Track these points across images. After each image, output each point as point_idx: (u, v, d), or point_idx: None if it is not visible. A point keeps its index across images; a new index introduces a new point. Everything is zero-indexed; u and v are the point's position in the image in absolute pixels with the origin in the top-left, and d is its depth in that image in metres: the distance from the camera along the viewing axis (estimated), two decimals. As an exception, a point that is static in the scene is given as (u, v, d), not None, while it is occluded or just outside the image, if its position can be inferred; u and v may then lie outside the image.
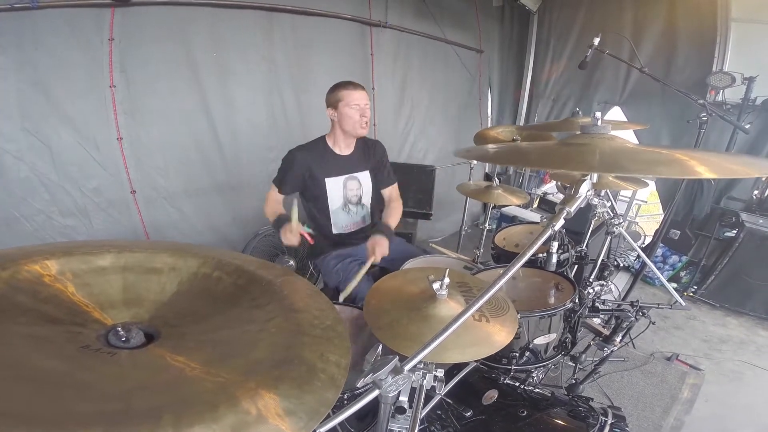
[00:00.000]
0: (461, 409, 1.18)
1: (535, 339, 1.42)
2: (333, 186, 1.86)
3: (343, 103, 1.75)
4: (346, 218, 1.95)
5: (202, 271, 0.84)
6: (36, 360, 0.56)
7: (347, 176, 1.89)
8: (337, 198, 1.88)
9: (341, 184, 1.88)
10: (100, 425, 0.44)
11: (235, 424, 0.48)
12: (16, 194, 1.97)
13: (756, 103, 3.06)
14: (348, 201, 1.92)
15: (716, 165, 0.72)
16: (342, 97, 1.75)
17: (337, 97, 1.76)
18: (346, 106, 1.74)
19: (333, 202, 1.88)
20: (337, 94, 1.76)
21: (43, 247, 0.78)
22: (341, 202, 1.90)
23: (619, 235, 1.73)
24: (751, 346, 2.61)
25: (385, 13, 3.29)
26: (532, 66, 4.59)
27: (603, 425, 1.12)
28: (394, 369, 0.65)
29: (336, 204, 1.89)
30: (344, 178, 1.89)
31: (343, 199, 1.90)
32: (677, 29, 3.44)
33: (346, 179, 1.89)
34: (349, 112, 1.75)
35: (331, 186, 1.86)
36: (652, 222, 4.40)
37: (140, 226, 2.39)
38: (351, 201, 1.93)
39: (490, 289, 0.65)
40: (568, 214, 0.71)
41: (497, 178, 2.22)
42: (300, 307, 0.75)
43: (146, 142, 2.34)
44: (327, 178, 1.84)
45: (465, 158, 1.06)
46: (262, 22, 2.67)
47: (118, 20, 2.12)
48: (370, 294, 1.14)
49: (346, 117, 1.76)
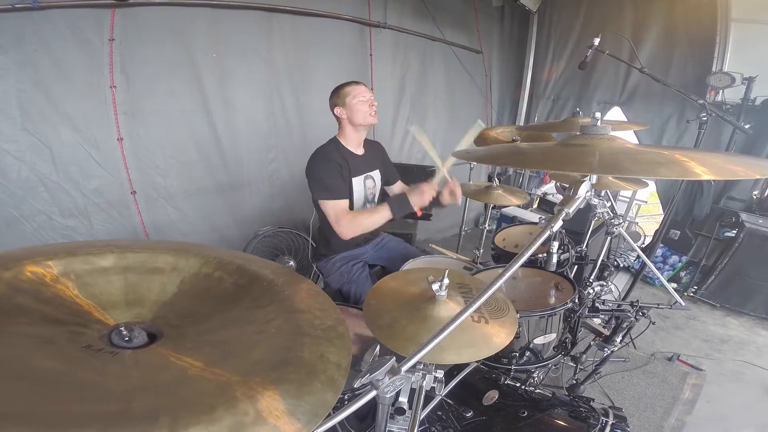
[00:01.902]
0: (462, 409, 1.18)
1: (535, 339, 1.42)
2: (357, 185, 1.88)
3: (351, 98, 1.78)
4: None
5: (203, 271, 0.85)
6: (37, 360, 0.56)
7: (365, 175, 1.92)
8: (359, 197, 1.91)
9: (362, 183, 1.91)
10: (97, 426, 0.44)
11: (233, 425, 0.48)
12: (17, 194, 1.98)
13: (756, 104, 3.06)
14: (367, 200, 1.95)
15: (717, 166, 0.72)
16: (349, 93, 1.79)
17: (344, 94, 1.79)
18: (355, 99, 1.78)
19: (357, 202, 1.90)
20: (343, 91, 1.80)
21: (45, 247, 0.79)
22: (362, 201, 1.93)
23: (619, 235, 1.73)
24: (752, 346, 2.61)
25: (384, 13, 3.30)
26: (532, 66, 4.58)
27: (604, 426, 1.12)
28: (391, 369, 0.65)
29: (359, 203, 1.91)
30: (363, 177, 1.91)
31: (364, 198, 1.93)
32: (677, 29, 3.44)
33: (365, 178, 1.92)
34: (358, 104, 1.79)
35: (356, 185, 1.88)
36: (652, 222, 4.39)
37: (140, 226, 2.39)
38: (368, 199, 1.96)
39: (488, 290, 0.65)
40: (566, 216, 0.71)
41: (497, 179, 2.23)
42: (301, 307, 0.75)
43: (146, 142, 2.35)
44: (354, 178, 1.86)
45: (464, 159, 1.06)
46: (261, 23, 2.67)
47: (119, 21, 2.13)
48: (370, 294, 1.14)
49: (356, 110, 1.79)
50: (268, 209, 2.92)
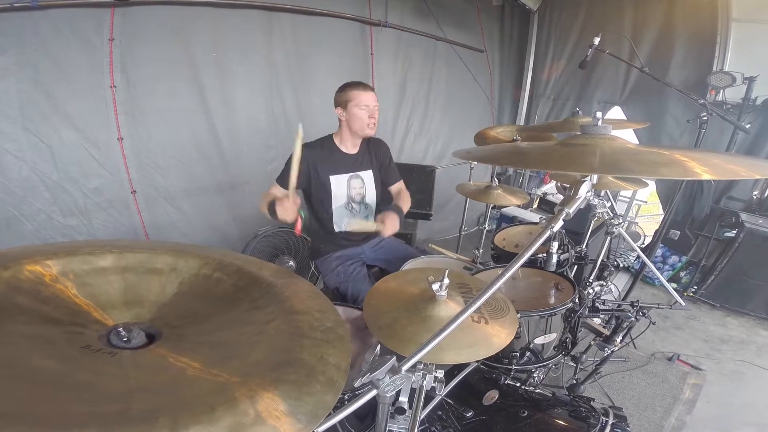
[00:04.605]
0: (462, 409, 1.18)
1: (535, 339, 1.42)
2: (337, 184, 1.87)
3: (352, 104, 1.76)
4: (348, 216, 1.96)
5: (202, 272, 0.85)
6: (36, 360, 0.56)
7: (351, 174, 1.91)
8: (340, 196, 1.89)
9: (345, 182, 1.89)
10: (96, 426, 0.44)
11: (233, 426, 0.48)
12: (17, 194, 1.98)
13: (756, 103, 3.06)
14: (351, 199, 1.93)
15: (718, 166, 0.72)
16: (352, 98, 1.76)
17: (346, 98, 1.77)
18: (356, 107, 1.76)
19: (336, 200, 1.89)
20: (346, 94, 1.77)
21: (45, 247, 0.78)
22: (344, 201, 1.91)
23: (619, 235, 1.73)
24: (752, 345, 2.61)
25: (385, 12, 3.29)
26: (532, 66, 4.58)
27: (604, 425, 1.12)
28: (392, 369, 0.65)
29: (339, 202, 1.90)
30: (348, 176, 1.90)
31: (347, 198, 1.92)
32: (677, 29, 3.43)
33: (350, 177, 1.91)
34: (358, 112, 1.76)
35: (335, 184, 1.87)
36: (651, 222, 4.39)
37: (140, 225, 2.39)
38: (354, 200, 1.94)
39: (488, 290, 0.65)
40: (567, 216, 0.70)
41: (497, 179, 2.22)
42: (300, 308, 0.75)
43: (146, 142, 2.35)
44: (331, 176, 1.85)
45: (464, 159, 1.06)
46: (262, 22, 2.67)
47: (119, 20, 2.13)
48: (369, 294, 1.14)
49: (354, 117, 1.77)
50: (269, 209, 2.92)
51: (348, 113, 1.78)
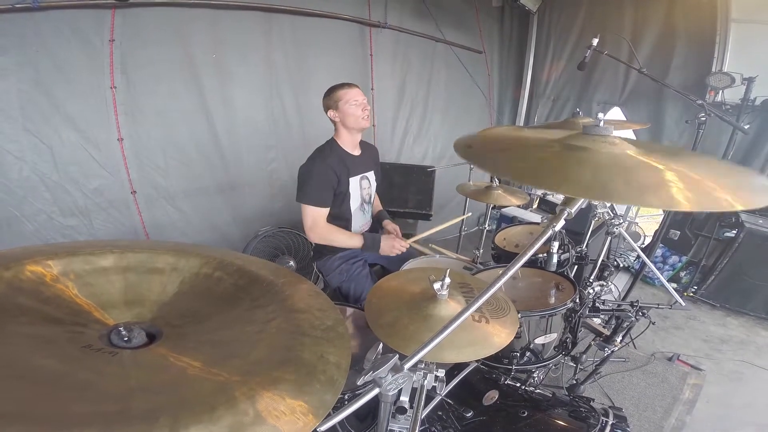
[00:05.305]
0: (462, 409, 1.18)
1: (535, 338, 1.42)
2: (354, 186, 1.89)
3: (343, 102, 1.79)
4: (362, 218, 2.00)
5: (203, 272, 0.84)
6: (36, 360, 0.56)
7: (361, 175, 1.94)
8: (356, 198, 1.92)
9: (358, 184, 1.92)
10: (97, 426, 0.44)
11: (233, 425, 0.48)
12: (17, 194, 1.98)
13: (755, 104, 3.06)
14: (363, 200, 1.96)
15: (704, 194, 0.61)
16: (341, 97, 1.80)
17: (336, 98, 1.80)
18: (347, 104, 1.79)
19: (354, 203, 1.91)
20: (335, 94, 1.81)
21: (46, 247, 0.78)
22: (359, 202, 1.94)
23: (619, 235, 1.73)
24: (752, 346, 2.61)
25: (384, 13, 3.29)
26: (532, 66, 4.58)
27: (604, 426, 1.12)
28: (394, 367, 0.65)
29: (356, 204, 1.93)
30: (359, 177, 1.92)
31: (360, 199, 1.94)
32: (677, 29, 3.44)
33: (361, 178, 1.93)
34: (350, 108, 1.80)
35: (353, 186, 1.89)
36: (651, 222, 4.38)
37: (140, 226, 2.39)
38: (365, 200, 1.97)
39: (490, 288, 0.65)
40: (568, 215, 0.70)
41: (497, 179, 2.22)
42: (301, 307, 0.75)
43: (146, 142, 2.35)
44: (350, 178, 1.87)
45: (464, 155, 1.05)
46: (261, 23, 2.67)
47: (119, 21, 2.13)
48: (371, 293, 1.14)
49: (348, 114, 1.80)
50: (269, 209, 2.92)
51: (341, 112, 1.81)
